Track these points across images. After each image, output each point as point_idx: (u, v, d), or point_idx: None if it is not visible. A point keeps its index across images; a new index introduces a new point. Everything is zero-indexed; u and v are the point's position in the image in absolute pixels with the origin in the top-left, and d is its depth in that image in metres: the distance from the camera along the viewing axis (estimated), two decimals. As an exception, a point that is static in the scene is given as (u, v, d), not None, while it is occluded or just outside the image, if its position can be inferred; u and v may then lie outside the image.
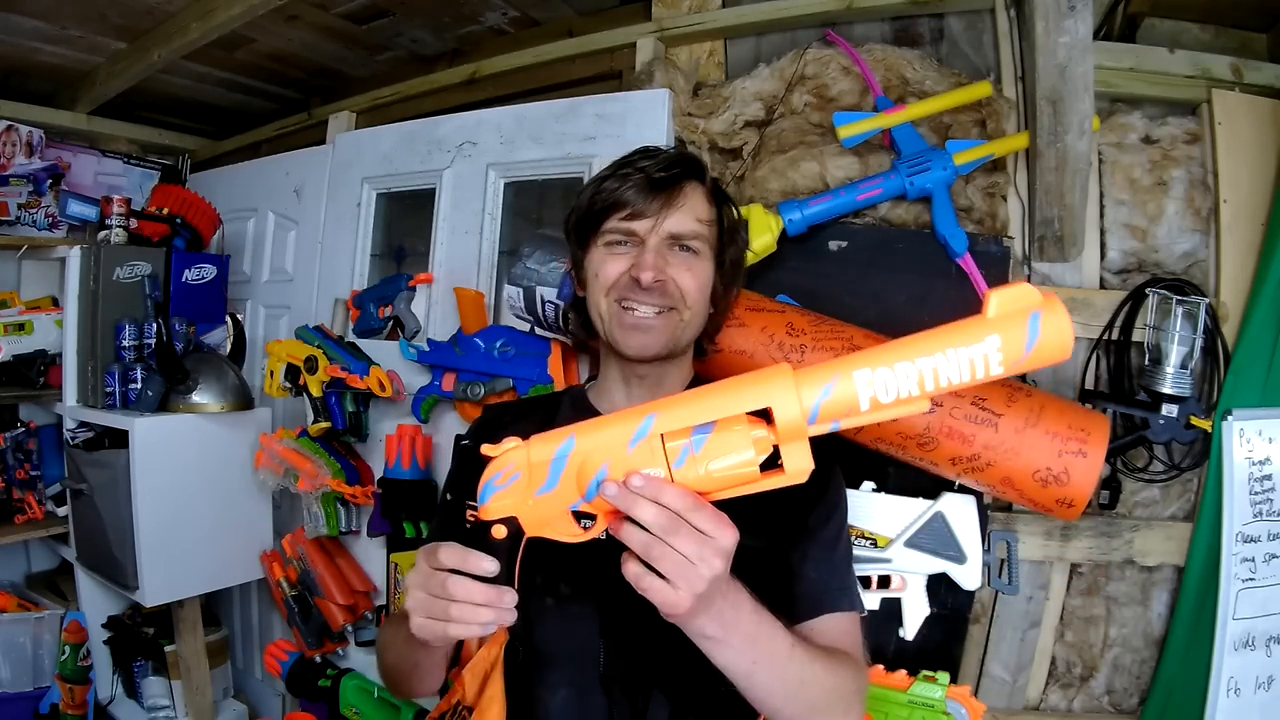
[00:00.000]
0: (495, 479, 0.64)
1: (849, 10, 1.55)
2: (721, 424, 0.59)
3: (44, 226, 2.09)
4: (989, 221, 1.46)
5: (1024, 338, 0.53)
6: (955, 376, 0.54)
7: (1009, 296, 0.54)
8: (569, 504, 0.63)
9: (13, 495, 2.14)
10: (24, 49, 2.05)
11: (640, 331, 0.87)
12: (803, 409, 0.57)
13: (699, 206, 0.88)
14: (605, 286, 0.88)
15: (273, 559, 2.00)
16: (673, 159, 0.89)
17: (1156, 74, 1.46)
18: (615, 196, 0.86)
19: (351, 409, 1.84)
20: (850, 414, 0.57)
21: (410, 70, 2.19)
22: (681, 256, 0.88)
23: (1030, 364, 0.54)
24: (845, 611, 0.85)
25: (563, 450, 0.62)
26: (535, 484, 0.63)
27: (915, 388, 0.55)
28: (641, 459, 0.60)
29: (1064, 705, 1.51)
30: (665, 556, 0.59)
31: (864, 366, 0.56)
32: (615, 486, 0.59)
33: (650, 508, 0.59)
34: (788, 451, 0.58)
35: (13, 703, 1.97)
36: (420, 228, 1.96)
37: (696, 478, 0.60)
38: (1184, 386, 1.34)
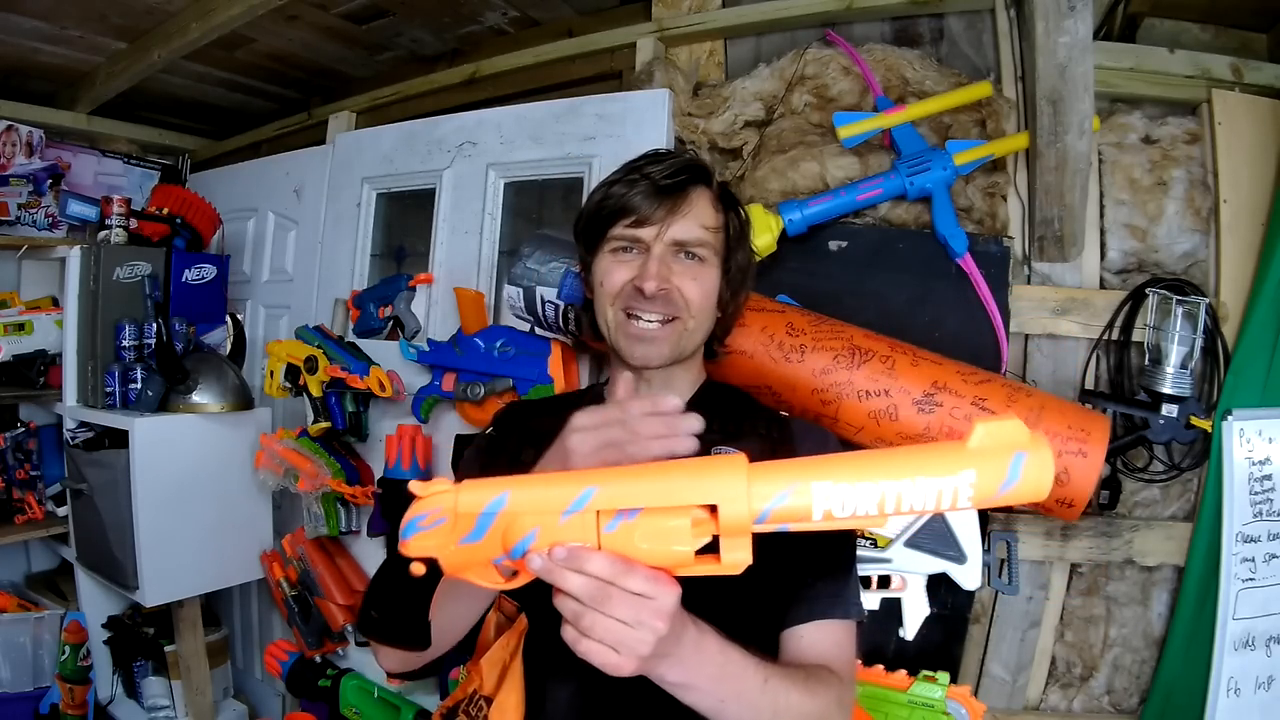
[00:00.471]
0: (420, 519, 0.61)
1: (849, 10, 1.55)
2: (664, 510, 0.57)
3: (44, 226, 2.09)
4: (989, 221, 1.46)
5: (1001, 477, 0.50)
6: (919, 504, 0.52)
7: (996, 431, 0.51)
8: (491, 557, 0.60)
9: (13, 495, 2.14)
10: (24, 49, 2.05)
11: (643, 342, 0.87)
12: (750, 511, 0.54)
13: (705, 213, 0.88)
14: (610, 295, 0.88)
15: (273, 559, 2.00)
16: (680, 165, 0.88)
17: (1156, 74, 1.46)
18: (621, 202, 0.86)
19: (351, 409, 1.84)
20: (801, 521, 0.54)
21: (410, 70, 2.19)
22: (686, 264, 0.87)
23: (1001, 503, 0.51)
24: (838, 619, 0.84)
25: (492, 507, 0.59)
26: (460, 532, 0.60)
27: (875, 509, 0.52)
28: (572, 532, 0.57)
29: (1064, 705, 1.51)
30: (599, 625, 0.57)
31: (825, 478, 0.53)
32: (539, 559, 0.57)
33: (576, 578, 0.57)
34: (727, 545, 0.56)
35: (13, 703, 1.97)
36: (420, 228, 1.96)
37: (630, 548, 0.57)
38: (1184, 386, 1.34)
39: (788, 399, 1.27)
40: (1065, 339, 1.46)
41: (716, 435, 0.88)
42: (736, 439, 0.88)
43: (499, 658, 0.86)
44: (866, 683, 1.29)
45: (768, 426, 0.91)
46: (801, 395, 1.26)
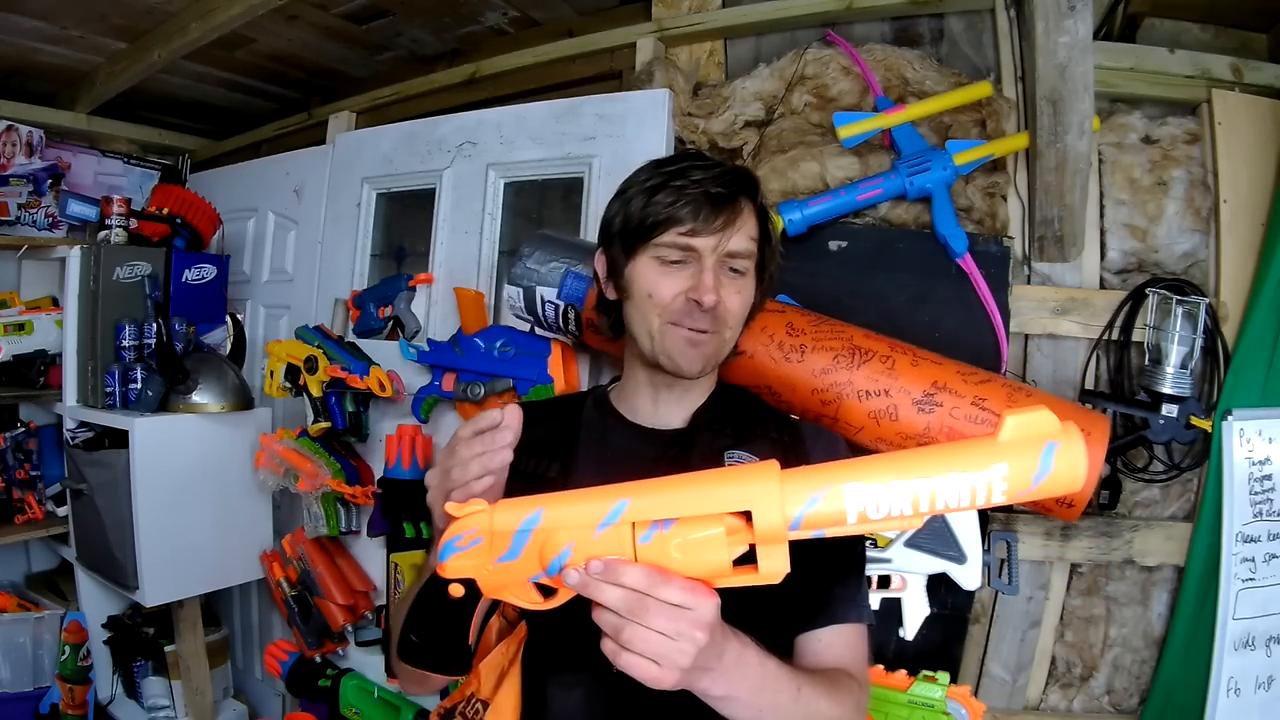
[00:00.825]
0: (456, 539, 0.62)
1: (849, 10, 1.55)
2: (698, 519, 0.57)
3: (44, 226, 2.09)
4: (989, 221, 1.46)
5: (1034, 469, 0.50)
6: (954, 501, 0.52)
7: (1025, 422, 0.51)
8: (530, 575, 0.61)
9: (13, 495, 2.14)
10: (24, 49, 2.05)
11: (694, 348, 0.85)
12: (785, 516, 0.54)
13: (750, 225, 0.86)
14: (660, 306, 0.85)
15: (273, 559, 2.00)
16: (730, 175, 0.85)
17: (1156, 74, 1.46)
18: (673, 211, 0.83)
19: (351, 409, 1.84)
20: (836, 525, 0.54)
21: (410, 70, 2.19)
22: (732, 278, 0.86)
23: (1035, 496, 0.51)
24: (853, 623, 0.85)
25: (528, 524, 0.60)
26: (497, 551, 0.61)
27: (909, 508, 0.52)
28: (607, 545, 0.57)
29: (1064, 705, 1.51)
30: (638, 638, 0.57)
31: (857, 480, 0.53)
32: (576, 573, 0.58)
33: (613, 591, 0.57)
34: (764, 553, 0.56)
35: (13, 703, 1.97)
36: (420, 228, 1.96)
37: (666, 558, 0.57)
38: (1184, 386, 1.34)
39: (788, 399, 1.27)
40: (1065, 339, 1.46)
41: (729, 439, 0.89)
42: (748, 442, 0.89)
43: (498, 663, 0.86)
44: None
45: (779, 430, 0.91)
46: (801, 395, 1.26)
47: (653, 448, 0.89)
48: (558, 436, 0.92)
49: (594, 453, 0.91)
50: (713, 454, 0.87)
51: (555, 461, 0.89)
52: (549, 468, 0.88)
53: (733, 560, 0.57)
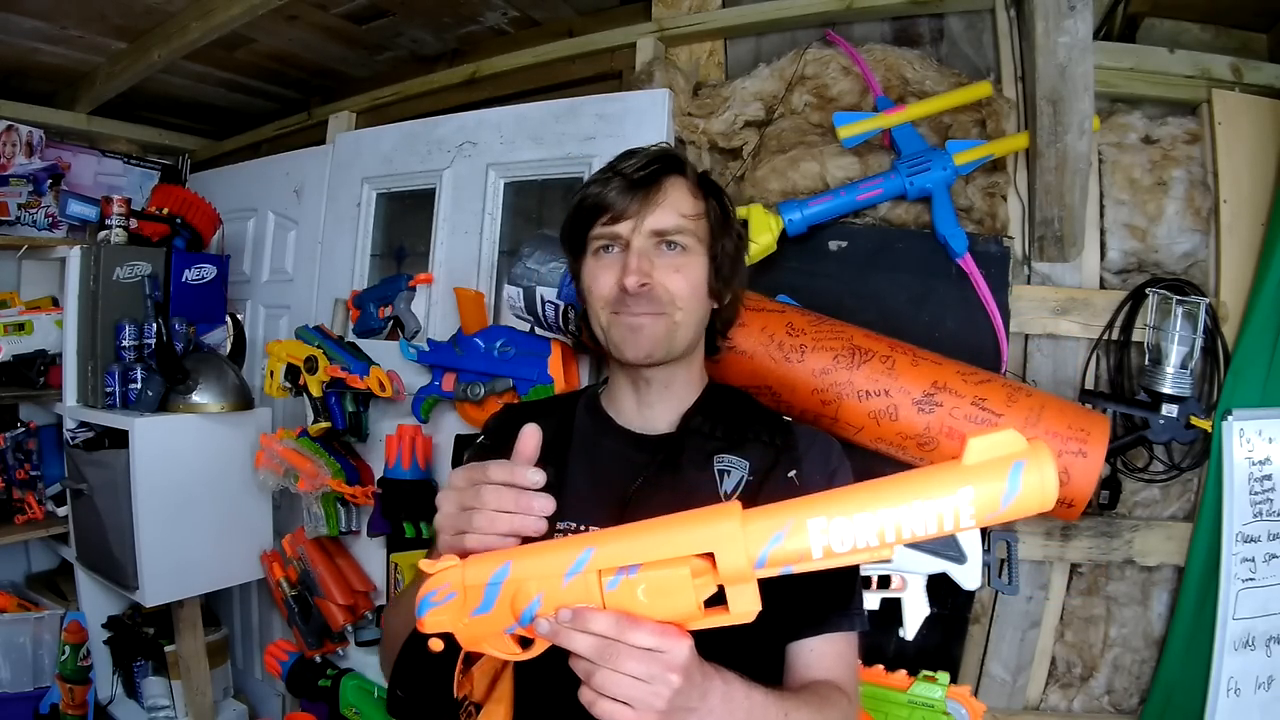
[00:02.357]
0: (431, 595, 0.63)
1: (849, 10, 1.55)
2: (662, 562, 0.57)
3: (44, 226, 2.09)
4: (989, 221, 1.46)
5: (1001, 490, 0.49)
6: (920, 529, 0.51)
7: (990, 444, 0.50)
8: (503, 627, 0.62)
9: (13, 495, 2.14)
10: (24, 49, 2.05)
11: (634, 332, 0.85)
12: (749, 556, 0.54)
13: (682, 201, 0.86)
14: (601, 299, 0.86)
15: (273, 559, 2.00)
16: (651, 156, 0.86)
17: (1156, 74, 1.46)
18: (596, 200, 0.85)
19: (351, 409, 1.84)
20: (802, 561, 0.54)
21: (410, 70, 2.19)
22: (668, 255, 0.85)
23: (1006, 517, 0.50)
24: (844, 632, 0.84)
25: (497, 577, 0.61)
26: (470, 605, 0.62)
27: (874, 539, 0.52)
28: (575, 593, 0.58)
29: (1064, 705, 1.51)
30: (610, 683, 0.57)
31: (820, 515, 0.53)
32: (546, 623, 0.58)
33: (583, 639, 0.57)
34: (733, 593, 0.56)
35: (13, 703, 1.97)
36: (420, 228, 1.96)
37: (633, 603, 0.57)
38: (1184, 386, 1.34)
39: (787, 399, 1.27)
40: (1065, 339, 1.46)
41: (720, 442, 0.88)
42: (739, 446, 0.87)
43: (491, 667, 0.86)
44: (866, 683, 1.29)
45: (771, 432, 0.90)
46: (801, 395, 1.26)
47: (641, 453, 0.88)
48: (551, 440, 0.92)
49: (586, 457, 0.90)
50: (702, 458, 0.86)
51: (549, 466, 0.89)
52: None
53: (703, 601, 0.57)
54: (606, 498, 0.85)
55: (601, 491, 0.86)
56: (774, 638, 0.83)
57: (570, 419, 0.95)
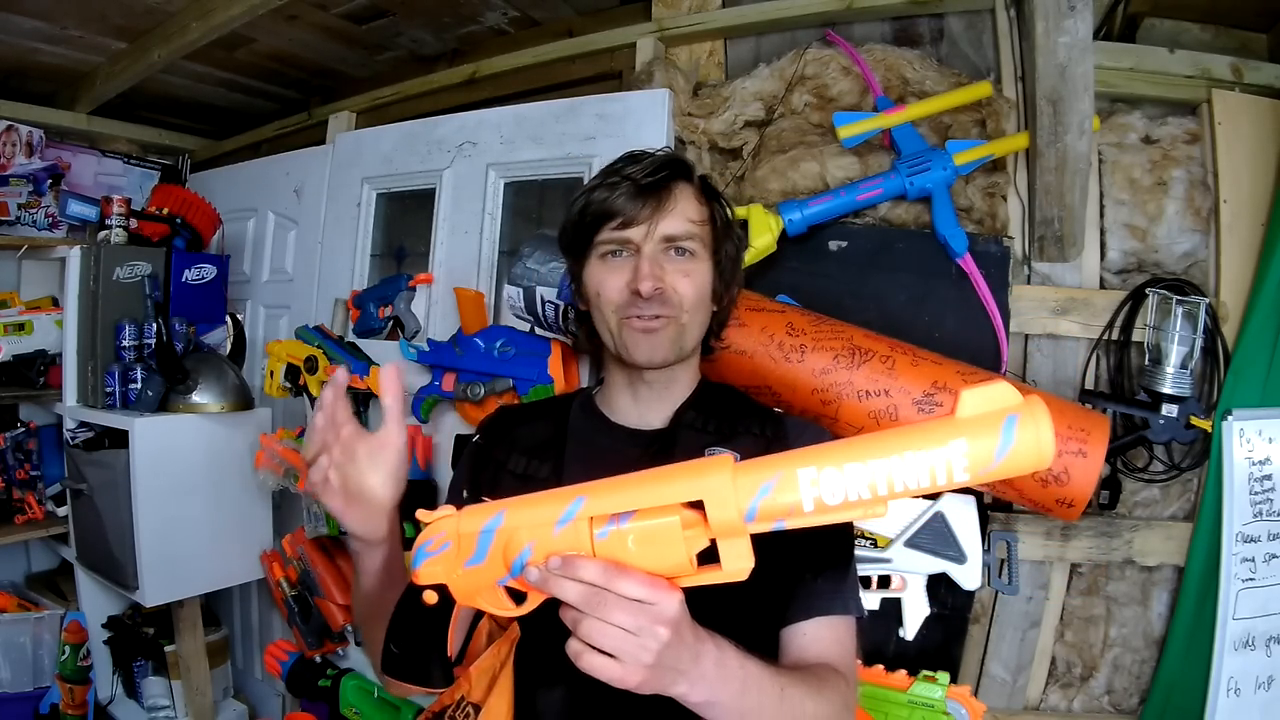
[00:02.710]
0: (427, 545, 0.63)
1: (849, 10, 1.55)
2: (652, 510, 0.57)
3: (44, 226, 2.09)
4: (989, 221, 1.46)
5: (995, 443, 0.48)
6: (913, 483, 0.50)
7: (984, 396, 0.49)
8: (496, 578, 0.61)
9: (13, 495, 2.14)
10: (24, 49, 2.05)
11: (648, 336, 0.86)
12: (738, 506, 0.53)
13: (690, 207, 0.87)
14: (610, 303, 0.87)
15: (273, 559, 2.00)
16: (659, 162, 0.87)
17: (1156, 74, 1.46)
18: (605, 206, 0.85)
19: (351, 409, 1.84)
20: (794, 514, 0.53)
21: (410, 70, 2.19)
22: (677, 261, 0.86)
23: (1000, 473, 0.49)
24: (839, 615, 0.84)
25: (490, 525, 0.61)
26: (464, 555, 0.61)
27: (866, 491, 0.51)
28: (566, 542, 0.58)
29: (1064, 705, 1.51)
30: (597, 632, 0.57)
31: (810, 465, 0.52)
32: (536, 570, 0.58)
33: (571, 586, 0.57)
34: (725, 547, 0.55)
35: (13, 703, 1.97)
36: (420, 228, 1.96)
37: (624, 553, 0.57)
38: (1184, 386, 1.34)
39: (788, 399, 1.27)
40: (1065, 339, 1.46)
41: (712, 435, 0.89)
42: (731, 439, 0.88)
43: (489, 665, 0.85)
44: (866, 683, 1.29)
45: (762, 425, 0.91)
46: (801, 395, 1.26)
47: (636, 447, 0.89)
48: (548, 438, 0.93)
49: (582, 454, 0.91)
50: (695, 451, 0.86)
51: (546, 463, 0.90)
52: (539, 469, 0.89)
53: (696, 556, 0.56)
54: None
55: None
56: (769, 622, 0.83)
57: (565, 419, 0.96)
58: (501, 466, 0.91)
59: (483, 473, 0.93)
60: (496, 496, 0.87)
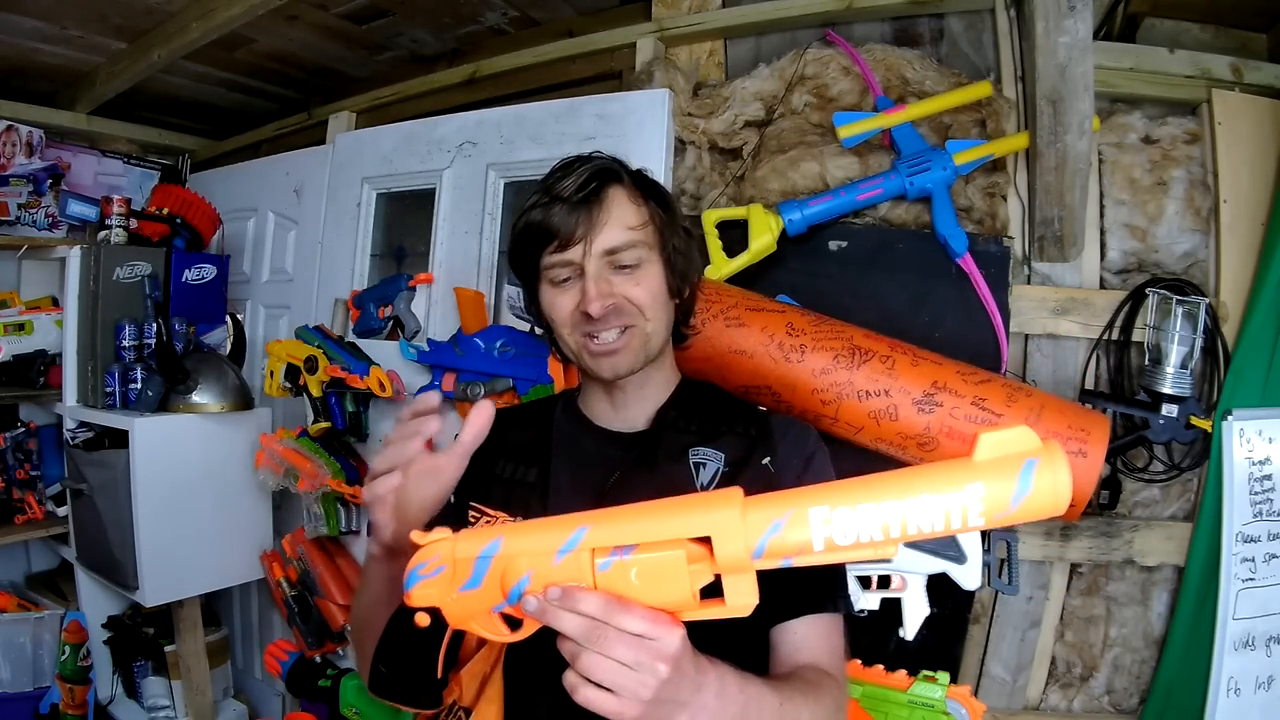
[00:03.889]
0: (420, 568, 0.61)
1: (849, 10, 1.55)
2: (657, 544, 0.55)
3: (44, 226, 2.09)
4: (989, 221, 1.46)
5: (1012, 489, 0.47)
6: (926, 525, 0.49)
7: (1002, 440, 0.48)
8: (492, 605, 0.60)
9: (13, 495, 2.14)
10: (24, 49, 2.05)
11: (608, 357, 0.85)
12: (746, 544, 0.52)
13: (626, 213, 0.85)
14: (565, 325, 0.86)
15: (273, 559, 2.00)
16: (586, 172, 0.85)
17: (1156, 74, 1.46)
18: (540, 227, 0.84)
19: (351, 409, 1.84)
20: (802, 553, 0.52)
21: (410, 70, 2.19)
22: (625, 273, 0.84)
23: (1016, 518, 0.48)
24: (828, 613, 0.84)
25: (487, 551, 0.59)
26: (459, 580, 0.60)
27: (879, 534, 0.50)
28: (566, 572, 0.56)
29: (1064, 705, 1.51)
30: (596, 667, 0.56)
31: (822, 504, 0.51)
32: (534, 600, 0.57)
33: (571, 619, 0.55)
34: (730, 583, 0.54)
35: (13, 703, 1.97)
36: (420, 228, 1.96)
37: (626, 586, 0.55)
38: (1184, 386, 1.34)
39: (788, 399, 1.27)
40: (1065, 339, 1.46)
41: (695, 435, 0.88)
42: (715, 438, 0.87)
43: (479, 670, 0.85)
44: (866, 683, 1.29)
45: (746, 424, 0.89)
46: (801, 395, 1.26)
47: (618, 450, 0.89)
48: (533, 441, 0.92)
49: (566, 457, 0.90)
50: (677, 452, 0.86)
51: (532, 467, 0.89)
52: (526, 473, 0.89)
53: (699, 590, 0.55)
54: (584, 493, 0.85)
55: (580, 488, 0.86)
56: (759, 621, 0.83)
57: (549, 421, 0.95)
58: (489, 472, 0.90)
59: (470, 479, 0.91)
60: (485, 503, 0.87)
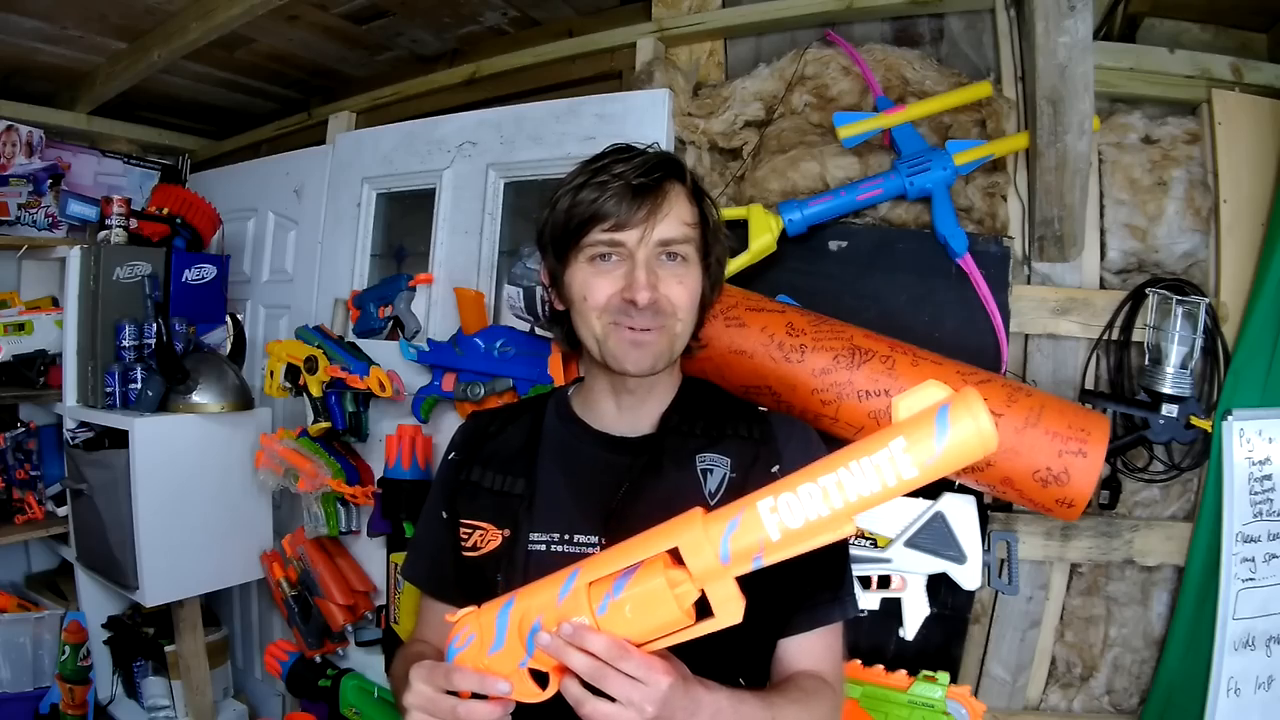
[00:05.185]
0: (455, 641, 0.68)
1: (849, 10, 1.55)
2: (640, 572, 0.61)
3: (44, 226, 2.09)
4: (989, 221, 1.46)
5: (931, 435, 0.50)
6: (865, 489, 0.52)
7: (915, 397, 0.53)
8: (517, 661, 0.65)
9: (13, 495, 2.14)
10: (24, 49, 2.05)
11: (638, 348, 0.82)
12: (713, 549, 0.57)
13: (684, 210, 0.83)
14: (597, 309, 0.83)
15: (273, 559, 2.00)
16: (653, 161, 0.83)
17: (1156, 74, 1.45)
18: (596, 208, 0.80)
19: (351, 409, 1.84)
20: (766, 547, 0.56)
21: (410, 70, 2.19)
22: (670, 267, 0.83)
23: (946, 462, 0.51)
24: (834, 623, 0.85)
25: (504, 608, 0.66)
26: (487, 644, 0.66)
27: (824, 508, 0.54)
28: (570, 608, 0.63)
29: (1064, 705, 1.51)
30: (596, 712, 0.62)
31: (766, 496, 0.56)
32: (547, 636, 0.63)
33: (579, 657, 0.61)
34: (713, 593, 0.59)
35: (13, 703, 1.97)
36: (420, 228, 1.96)
37: (623, 622, 0.61)
38: (1184, 386, 1.34)
39: (787, 399, 1.27)
40: (1065, 339, 1.46)
41: (700, 439, 0.87)
42: (719, 442, 0.87)
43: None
44: (866, 683, 1.29)
45: (749, 427, 0.89)
46: (801, 395, 1.26)
47: (622, 456, 0.87)
48: (520, 449, 0.90)
49: (560, 465, 0.88)
50: (683, 457, 0.85)
51: (519, 478, 0.87)
52: (513, 484, 0.87)
53: (690, 609, 0.61)
54: (591, 508, 0.83)
55: (584, 502, 0.84)
56: (765, 635, 0.83)
57: (539, 425, 0.93)
58: (477, 484, 0.89)
59: (458, 493, 0.91)
60: (475, 517, 0.87)
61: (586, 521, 0.83)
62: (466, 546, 0.87)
